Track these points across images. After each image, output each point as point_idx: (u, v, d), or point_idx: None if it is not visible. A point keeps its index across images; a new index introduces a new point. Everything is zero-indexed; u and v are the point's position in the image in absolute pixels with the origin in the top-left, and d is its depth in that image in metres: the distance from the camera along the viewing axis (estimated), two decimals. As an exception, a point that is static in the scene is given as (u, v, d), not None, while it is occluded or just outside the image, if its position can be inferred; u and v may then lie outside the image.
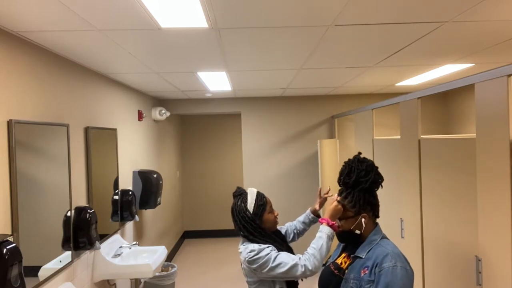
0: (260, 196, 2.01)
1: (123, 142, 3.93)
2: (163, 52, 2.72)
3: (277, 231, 2.09)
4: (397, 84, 4.74)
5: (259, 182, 5.57)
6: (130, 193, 3.78)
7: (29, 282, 2.11)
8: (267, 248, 1.83)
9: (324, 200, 2.29)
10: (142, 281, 4.19)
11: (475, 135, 1.98)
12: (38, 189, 2.33)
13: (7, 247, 1.79)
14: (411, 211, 2.81)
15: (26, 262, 1.97)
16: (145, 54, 2.77)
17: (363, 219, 1.69)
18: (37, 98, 2.38)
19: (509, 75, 1.73)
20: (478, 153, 1.96)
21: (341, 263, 1.75)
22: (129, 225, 4.07)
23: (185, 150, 7.34)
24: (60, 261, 2.55)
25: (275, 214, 2.04)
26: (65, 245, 2.61)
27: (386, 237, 1.72)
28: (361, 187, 1.70)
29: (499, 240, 1.80)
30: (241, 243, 1.96)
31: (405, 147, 2.89)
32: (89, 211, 2.78)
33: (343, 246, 1.84)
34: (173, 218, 6.44)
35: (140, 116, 4.53)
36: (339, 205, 1.73)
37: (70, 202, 2.69)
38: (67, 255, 2.65)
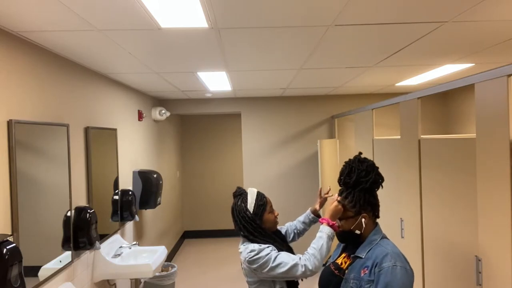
0: (260, 196, 2.01)
1: (123, 142, 3.93)
2: (163, 52, 2.72)
3: (277, 231, 2.09)
4: (397, 84, 4.74)
5: (259, 182, 5.57)
6: (130, 193, 3.78)
7: (29, 282, 2.11)
8: (267, 248, 1.83)
9: (324, 200, 2.29)
10: (142, 281, 4.19)
11: (475, 135, 1.98)
12: (38, 189, 2.33)
13: (7, 247, 1.79)
14: (411, 211, 2.81)
15: (26, 262, 1.97)
16: (145, 54, 2.77)
17: (363, 219, 1.69)
18: (37, 98, 2.38)
19: (509, 75, 1.73)
20: (478, 153, 1.96)
21: (341, 263, 1.75)
22: (129, 225, 4.07)
23: (185, 150, 7.34)
24: (60, 261, 2.55)
25: (275, 214, 2.04)
26: (65, 245, 2.62)
27: (386, 237, 1.73)
28: (362, 187, 1.70)
29: (499, 240, 1.80)
30: (241, 243, 1.96)
31: (405, 147, 2.89)
32: (89, 211, 2.78)
33: (343, 246, 1.84)
34: (173, 218, 6.44)
35: (140, 116, 4.52)
36: (339, 205, 1.74)
37: (70, 202, 2.69)
38: (67, 255, 2.65)
